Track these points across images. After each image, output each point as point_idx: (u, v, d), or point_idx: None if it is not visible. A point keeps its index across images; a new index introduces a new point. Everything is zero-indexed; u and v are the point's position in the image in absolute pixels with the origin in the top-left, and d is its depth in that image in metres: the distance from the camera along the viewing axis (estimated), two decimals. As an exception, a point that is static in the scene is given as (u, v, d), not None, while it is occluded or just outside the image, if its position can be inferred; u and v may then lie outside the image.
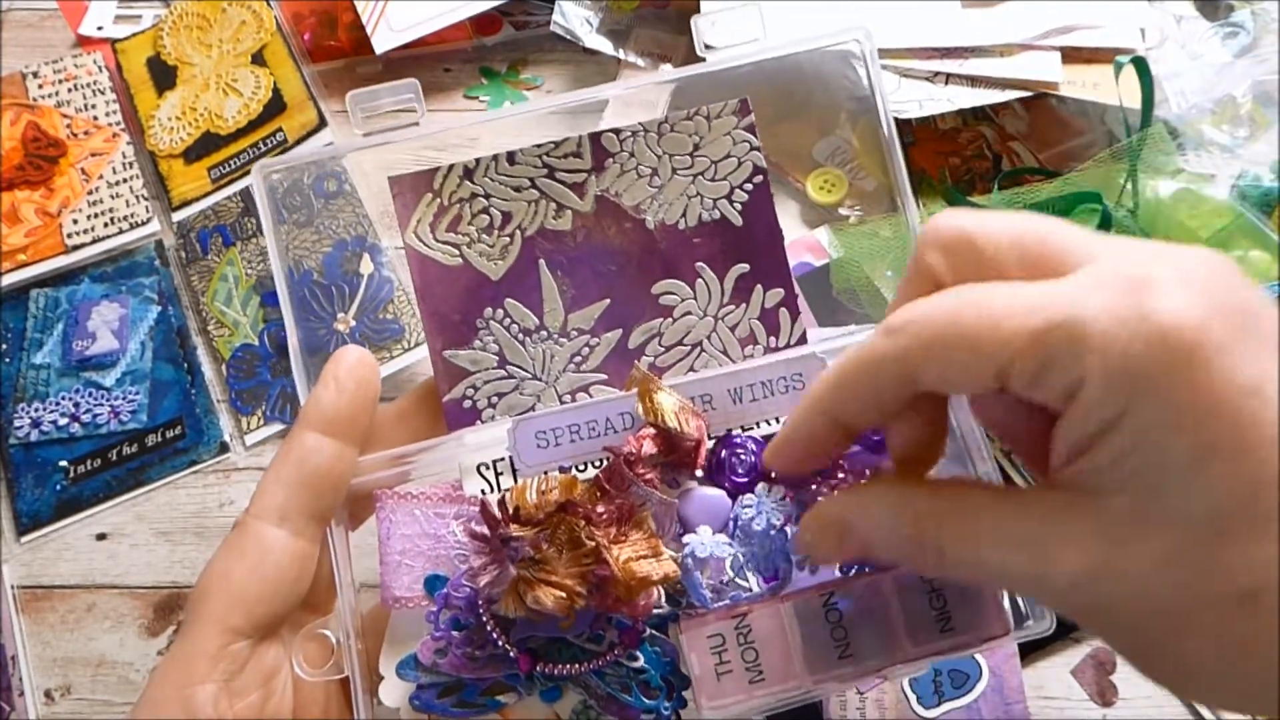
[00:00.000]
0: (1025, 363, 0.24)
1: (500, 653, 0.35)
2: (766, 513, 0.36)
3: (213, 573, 0.35)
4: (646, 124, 0.42)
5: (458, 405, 0.41)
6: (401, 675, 0.36)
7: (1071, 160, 0.58)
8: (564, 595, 0.32)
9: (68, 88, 0.64)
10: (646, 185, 0.42)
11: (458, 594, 0.36)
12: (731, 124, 0.42)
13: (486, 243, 0.42)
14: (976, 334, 0.25)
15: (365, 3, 0.63)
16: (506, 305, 0.42)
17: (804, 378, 0.39)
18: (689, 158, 0.42)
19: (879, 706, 0.45)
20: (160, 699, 0.34)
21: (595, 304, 0.42)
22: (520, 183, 0.42)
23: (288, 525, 0.36)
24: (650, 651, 0.35)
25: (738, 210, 0.42)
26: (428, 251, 0.42)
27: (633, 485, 0.35)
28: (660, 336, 0.42)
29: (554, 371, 0.41)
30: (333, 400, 0.37)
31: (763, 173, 0.42)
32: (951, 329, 0.26)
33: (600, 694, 0.35)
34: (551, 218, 0.42)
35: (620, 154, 0.42)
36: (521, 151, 0.42)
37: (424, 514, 0.38)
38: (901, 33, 0.58)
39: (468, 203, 0.42)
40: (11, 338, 0.58)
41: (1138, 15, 0.59)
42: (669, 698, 0.35)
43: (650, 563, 0.33)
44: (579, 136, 0.42)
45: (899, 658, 0.32)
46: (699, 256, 0.42)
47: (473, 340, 0.41)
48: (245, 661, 0.35)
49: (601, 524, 0.33)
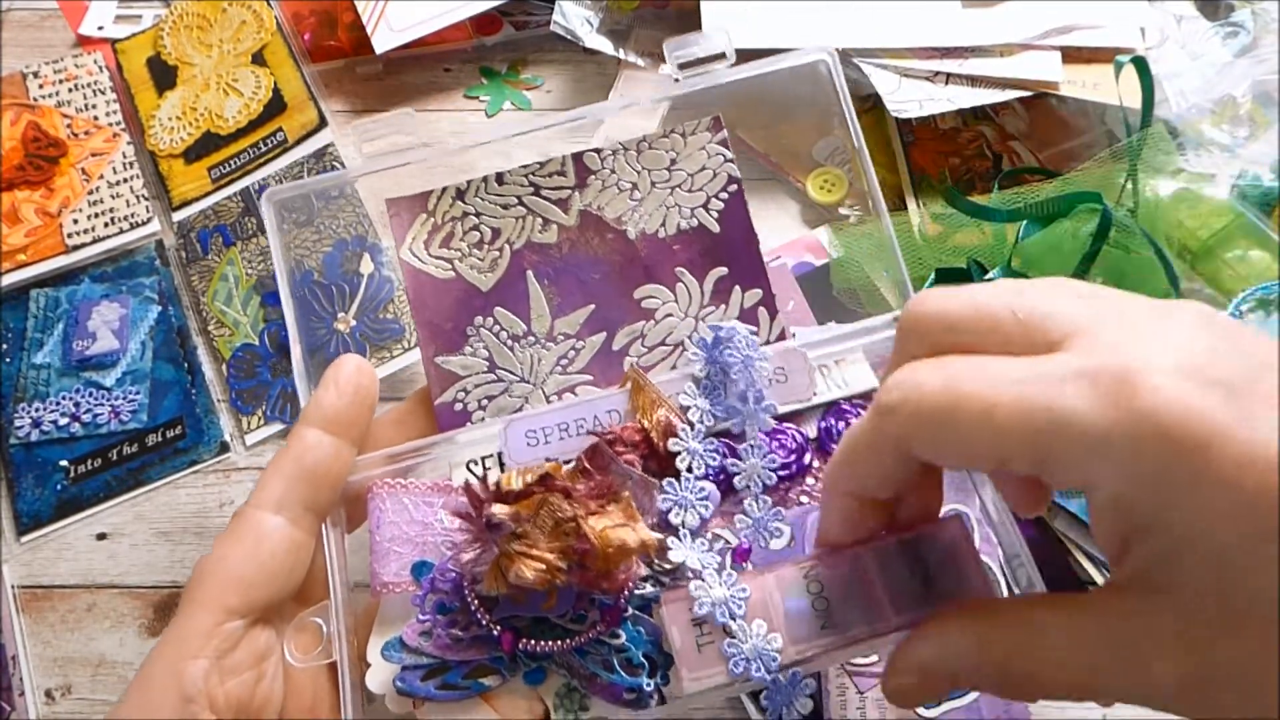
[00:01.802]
0: (1023, 461, 0.25)
1: (484, 633, 0.36)
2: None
3: (210, 557, 0.36)
4: (625, 143, 0.44)
5: (449, 408, 0.42)
6: (386, 657, 0.36)
7: (1071, 160, 0.58)
8: (544, 568, 0.33)
9: (68, 88, 0.65)
10: (627, 199, 0.44)
11: (443, 579, 0.36)
12: (706, 139, 0.45)
13: (477, 256, 0.44)
14: (970, 425, 0.25)
15: (365, 3, 0.63)
16: (496, 314, 0.43)
17: (786, 371, 0.41)
18: (666, 172, 0.45)
19: (879, 706, 0.45)
20: (153, 675, 0.34)
21: (580, 309, 0.44)
22: (508, 200, 0.44)
23: (285, 514, 0.37)
24: (632, 630, 0.36)
25: (714, 217, 0.44)
26: (421, 266, 0.44)
27: (613, 464, 0.36)
28: (643, 338, 0.43)
29: (541, 374, 0.43)
30: (333, 401, 0.39)
31: (737, 182, 0.45)
32: (945, 415, 0.26)
33: (583, 673, 0.36)
34: (538, 232, 0.44)
35: (602, 171, 0.45)
36: (510, 172, 0.44)
37: (413, 502, 0.39)
38: (901, 33, 0.58)
39: (459, 221, 0.44)
40: (11, 338, 0.58)
41: (1138, 15, 0.59)
42: (651, 675, 0.35)
43: (627, 530, 0.33)
44: (563, 156, 0.44)
45: (882, 628, 0.32)
46: (679, 262, 0.44)
47: (463, 347, 0.43)
48: (238, 641, 0.35)
49: (581, 499, 0.34)
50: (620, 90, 0.63)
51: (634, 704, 0.35)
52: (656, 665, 0.36)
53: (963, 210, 0.55)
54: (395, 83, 0.66)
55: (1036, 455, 0.24)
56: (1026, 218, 0.53)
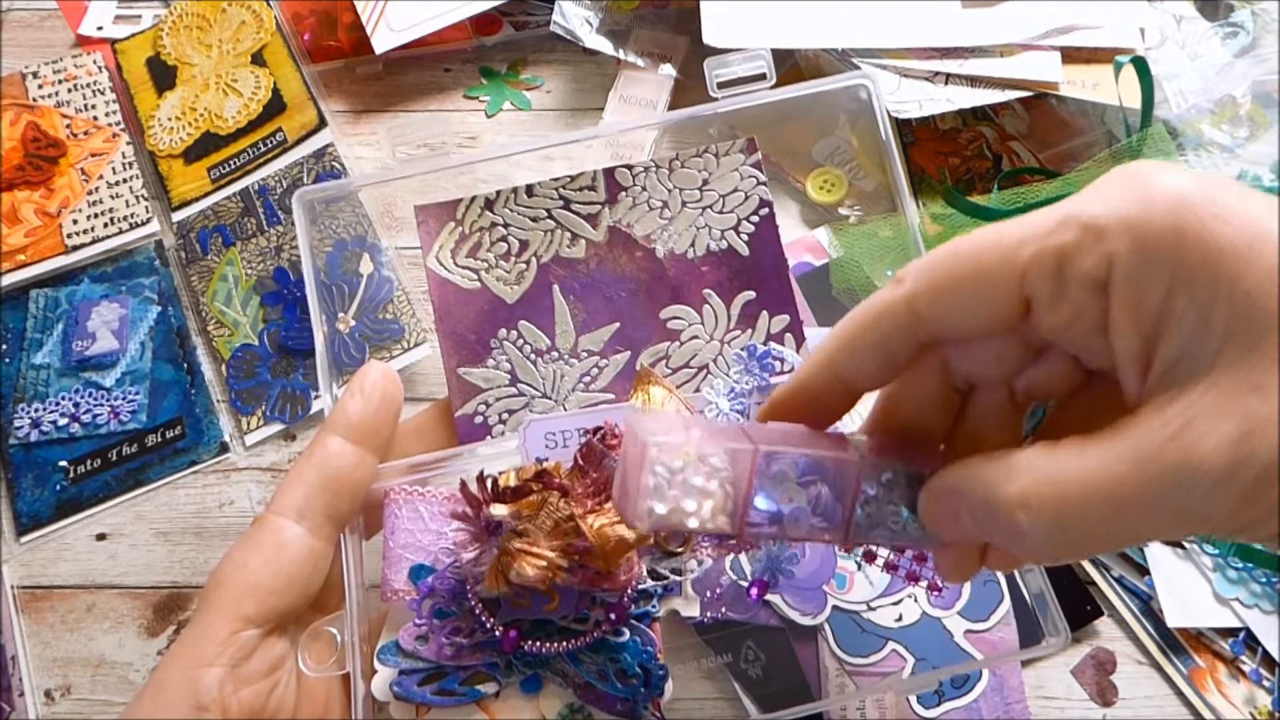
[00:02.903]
0: (1044, 264, 0.24)
1: (486, 639, 0.35)
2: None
3: (229, 562, 0.36)
4: (658, 160, 0.44)
5: (469, 420, 0.42)
6: (382, 660, 0.36)
7: (1071, 160, 0.58)
8: (546, 566, 0.33)
9: (68, 88, 0.64)
10: (657, 217, 0.44)
11: (442, 583, 0.36)
12: (739, 160, 0.45)
13: (504, 268, 0.44)
14: (984, 258, 0.24)
15: (365, 3, 0.63)
16: (520, 327, 0.43)
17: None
18: (698, 191, 0.44)
19: (879, 706, 0.45)
20: (167, 680, 0.34)
21: (605, 327, 0.43)
22: (537, 213, 0.44)
23: (305, 523, 0.37)
24: (630, 640, 0.36)
25: (744, 241, 0.44)
26: (447, 275, 0.44)
27: (605, 459, 0.36)
28: (668, 359, 0.43)
29: (564, 390, 0.43)
30: (358, 409, 0.39)
31: (769, 205, 0.44)
32: (957, 261, 0.25)
33: (578, 681, 0.36)
34: (566, 246, 0.44)
35: (633, 188, 0.44)
36: (539, 184, 0.44)
37: (429, 511, 0.38)
38: (901, 33, 0.58)
39: (487, 231, 0.44)
40: (11, 338, 0.58)
41: (1138, 15, 0.59)
42: (645, 685, 0.35)
43: (624, 526, 0.33)
44: (594, 171, 0.44)
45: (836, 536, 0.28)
46: (707, 284, 0.44)
47: (486, 359, 0.43)
48: (253, 650, 0.35)
49: (578, 498, 0.34)
50: (620, 90, 0.63)
51: (628, 714, 0.35)
52: (651, 675, 0.36)
53: (963, 210, 0.55)
54: (395, 83, 0.66)
55: (1058, 255, 0.23)
56: (1026, 218, 0.53)
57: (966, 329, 0.26)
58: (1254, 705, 0.46)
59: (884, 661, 0.44)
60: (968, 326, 0.26)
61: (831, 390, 0.29)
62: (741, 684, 0.45)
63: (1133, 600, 0.48)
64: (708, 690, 0.46)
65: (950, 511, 0.27)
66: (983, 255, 0.25)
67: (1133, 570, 0.49)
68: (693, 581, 0.38)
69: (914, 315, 0.26)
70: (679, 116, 0.45)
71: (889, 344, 0.27)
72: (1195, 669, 0.47)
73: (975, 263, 0.25)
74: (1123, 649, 0.48)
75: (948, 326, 0.26)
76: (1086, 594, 0.49)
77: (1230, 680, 0.46)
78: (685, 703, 0.46)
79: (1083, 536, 0.23)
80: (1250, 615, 0.47)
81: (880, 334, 0.27)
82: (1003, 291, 0.25)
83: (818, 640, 0.45)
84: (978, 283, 0.25)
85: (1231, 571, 0.48)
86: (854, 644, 0.44)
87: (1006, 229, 0.25)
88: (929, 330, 0.26)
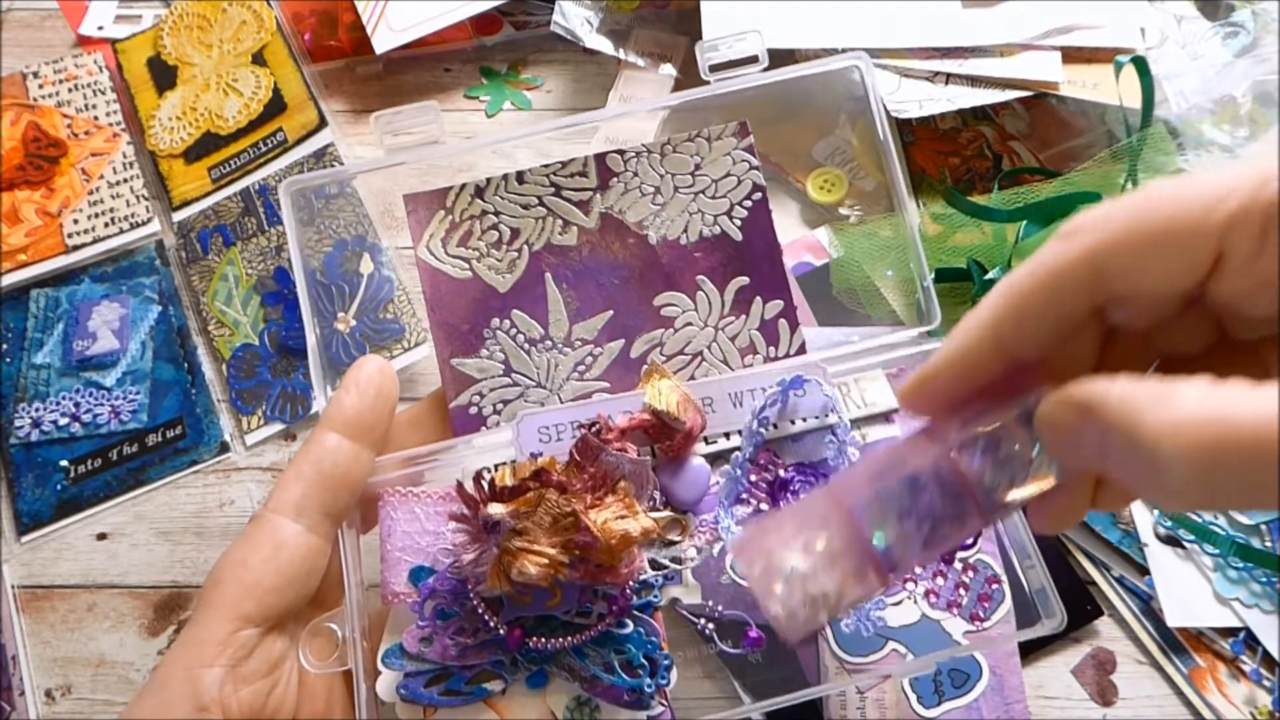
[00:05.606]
0: (1250, 219, 0.21)
1: (490, 637, 0.35)
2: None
3: (228, 561, 0.36)
4: (650, 145, 0.43)
5: (464, 412, 0.42)
6: (387, 664, 0.36)
7: (1071, 160, 0.58)
8: (547, 562, 0.33)
9: (68, 88, 0.65)
10: (649, 203, 0.43)
11: (443, 584, 0.36)
12: (731, 145, 0.44)
13: (495, 257, 0.43)
14: (1183, 208, 0.22)
15: (365, 3, 0.63)
16: (513, 316, 0.43)
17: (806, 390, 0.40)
18: (690, 176, 0.44)
19: (879, 706, 0.45)
20: (168, 679, 0.34)
21: (599, 315, 0.43)
22: (529, 200, 0.43)
23: (303, 520, 0.37)
24: (634, 630, 0.36)
25: (737, 226, 0.43)
26: (439, 265, 0.43)
27: (601, 453, 0.36)
28: (662, 346, 0.43)
29: (558, 379, 0.42)
30: (354, 404, 0.38)
31: (762, 190, 0.44)
32: (1150, 211, 0.22)
33: (584, 675, 0.36)
34: (558, 233, 0.43)
35: (624, 173, 0.44)
36: (530, 171, 0.43)
37: (425, 512, 0.38)
38: (901, 33, 0.58)
39: (478, 219, 0.43)
40: (12, 338, 0.58)
41: (1138, 15, 0.59)
42: (651, 675, 0.35)
43: (628, 521, 0.33)
44: (585, 157, 0.43)
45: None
46: (700, 270, 0.43)
47: (480, 349, 0.42)
48: (253, 649, 0.35)
49: (577, 493, 0.34)
50: (620, 90, 0.63)
51: (635, 705, 0.35)
52: (656, 665, 0.36)
53: (963, 210, 0.55)
54: (395, 83, 0.66)
55: (1264, 216, 0.21)
56: (1026, 218, 0.53)
57: (1153, 286, 0.23)
58: (1254, 705, 0.46)
59: (884, 661, 0.44)
60: (1154, 284, 0.23)
61: (990, 364, 0.26)
62: (738, 677, 0.45)
63: (1133, 600, 0.48)
64: (699, 674, 0.46)
65: (1070, 429, 0.23)
66: (1181, 204, 0.22)
67: (1133, 570, 0.49)
68: (693, 569, 0.38)
69: (1095, 273, 0.23)
70: (672, 100, 0.44)
71: (1064, 307, 0.24)
72: (1195, 669, 0.47)
73: (1171, 213, 0.22)
74: (1123, 649, 0.48)
75: (1132, 285, 0.23)
76: (1087, 594, 0.49)
77: (1230, 680, 0.46)
78: (684, 691, 0.46)
79: (1236, 483, 0.20)
80: (1250, 615, 0.47)
81: (1054, 296, 0.24)
82: (1200, 245, 0.22)
83: (818, 640, 0.45)
84: (1172, 235, 0.22)
85: (1232, 571, 0.48)
86: (854, 643, 0.44)
87: (1200, 180, 0.22)
88: (1111, 290, 0.24)
